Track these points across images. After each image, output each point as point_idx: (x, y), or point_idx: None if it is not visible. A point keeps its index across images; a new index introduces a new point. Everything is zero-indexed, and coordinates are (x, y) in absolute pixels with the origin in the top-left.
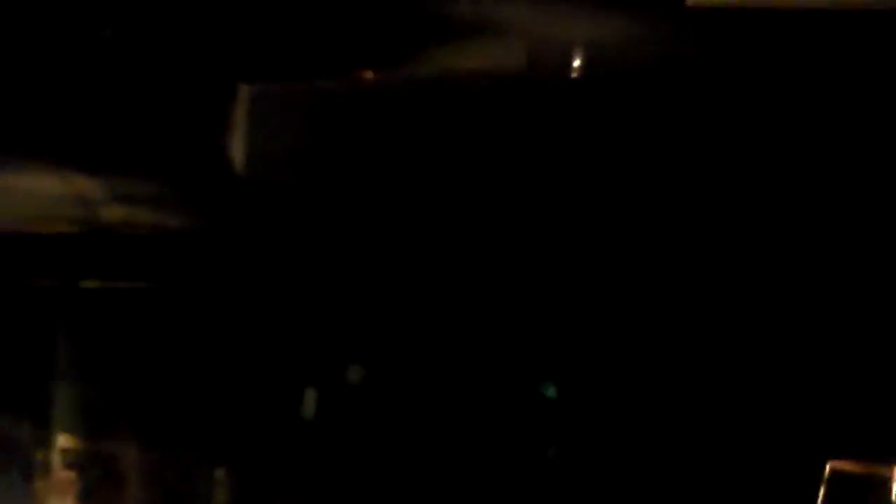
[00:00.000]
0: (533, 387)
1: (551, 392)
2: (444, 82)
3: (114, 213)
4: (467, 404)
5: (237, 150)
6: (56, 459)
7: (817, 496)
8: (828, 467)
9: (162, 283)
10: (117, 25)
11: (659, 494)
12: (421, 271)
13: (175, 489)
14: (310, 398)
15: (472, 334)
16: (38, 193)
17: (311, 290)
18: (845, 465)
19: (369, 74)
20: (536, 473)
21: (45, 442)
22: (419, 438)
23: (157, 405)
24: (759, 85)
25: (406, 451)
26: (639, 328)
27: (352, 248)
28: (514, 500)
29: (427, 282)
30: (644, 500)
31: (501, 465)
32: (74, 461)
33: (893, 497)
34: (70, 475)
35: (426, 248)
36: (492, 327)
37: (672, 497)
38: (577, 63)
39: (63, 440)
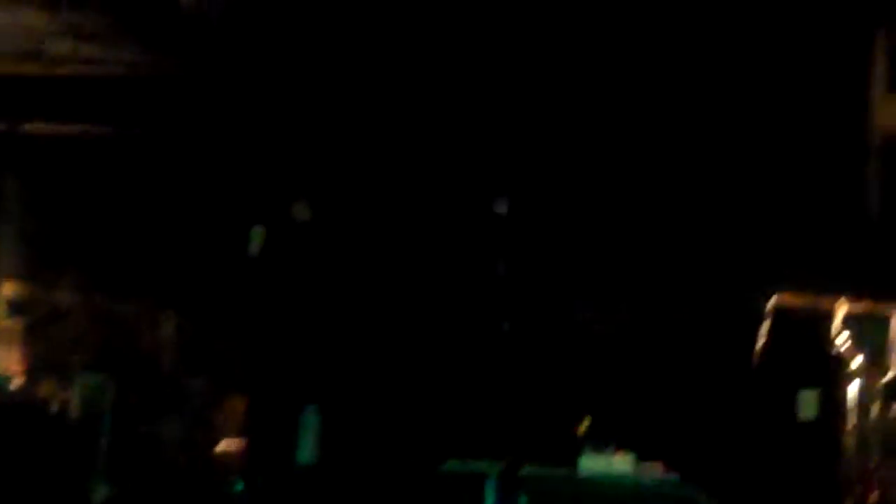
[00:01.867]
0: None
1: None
2: None
3: (61, 46)
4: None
5: None
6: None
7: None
8: (771, 300)
9: (109, 127)
10: None
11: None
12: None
13: (121, 331)
14: (256, 238)
15: None
16: None
17: (257, 130)
18: (789, 299)
19: None
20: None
21: None
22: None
23: (103, 249)
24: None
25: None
26: None
27: (304, 91)
28: None
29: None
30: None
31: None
32: (20, 307)
33: (834, 329)
34: (16, 322)
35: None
36: None
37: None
38: None
39: (7, 288)
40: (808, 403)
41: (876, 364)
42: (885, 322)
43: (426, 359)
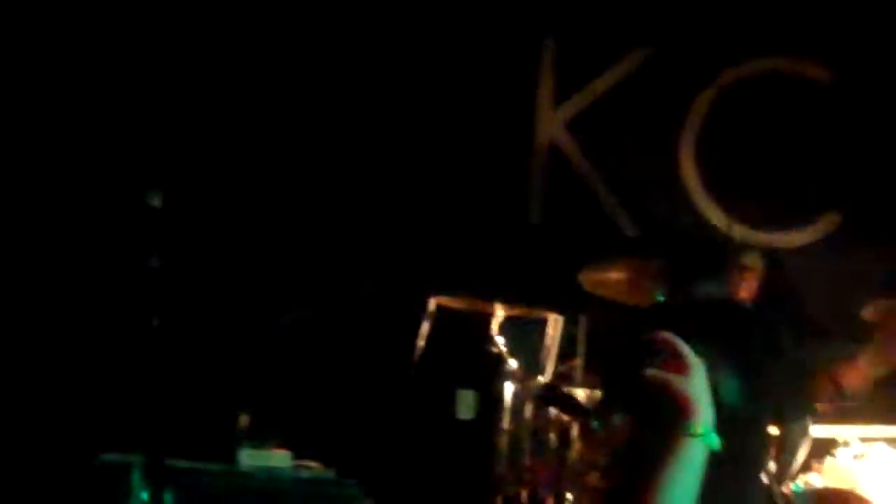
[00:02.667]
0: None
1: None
2: None
3: None
4: None
5: None
6: None
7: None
8: (431, 302)
9: None
10: None
11: None
12: None
13: None
14: None
15: None
16: None
17: None
18: (448, 301)
19: None
20: None
21: None
22: None
23: None
24: None
25: None
26: None
27: None
28: None
29: None
30: None
31: None
32: None
33: (492, 331)
34: None
35: None
36: None
37: None
38: None
39: None
40: (465, 403)
41: (531, 366)
42: (541, 325)
43: (76, 350)
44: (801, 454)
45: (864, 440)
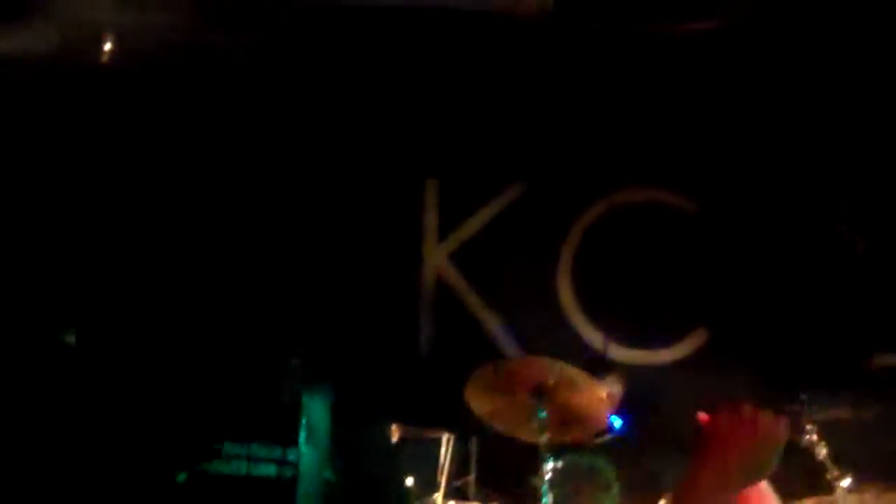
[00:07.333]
0: None
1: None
2: None
3: None
4: None
5: None
6: None
7: None
8: None
9: None
10: None
11: None
12: None
13: None
14: None
15: None
16: None
17: None
18: None
19: None
20: None
21: None
22: None
23: None
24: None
25: None
26: None
27: None
28: None
29: None
30: None
31: None
32: None
33: None
34: None
35: None
36: None
37: None
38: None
39: None
40: None
41: (427, 484)
42: (435, 445)
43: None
44: None
45: None
